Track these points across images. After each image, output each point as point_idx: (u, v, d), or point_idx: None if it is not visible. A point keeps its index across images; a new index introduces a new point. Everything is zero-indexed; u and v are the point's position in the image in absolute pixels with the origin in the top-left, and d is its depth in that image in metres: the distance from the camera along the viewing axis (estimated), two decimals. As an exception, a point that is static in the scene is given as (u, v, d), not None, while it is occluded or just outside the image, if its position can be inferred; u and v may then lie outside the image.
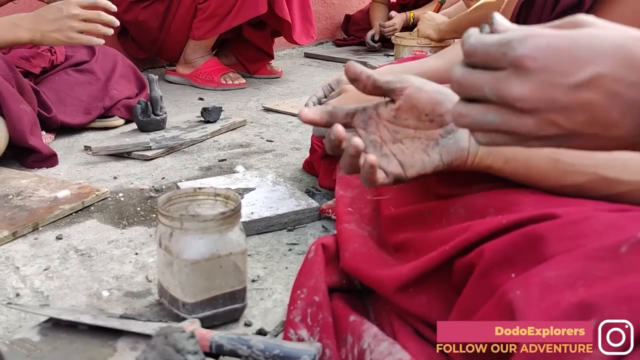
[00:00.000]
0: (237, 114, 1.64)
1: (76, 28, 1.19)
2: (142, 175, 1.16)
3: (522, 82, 0.38)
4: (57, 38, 1.21)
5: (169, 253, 0.64)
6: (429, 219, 0.65)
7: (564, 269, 0.43)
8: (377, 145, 0.60)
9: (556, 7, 0.77)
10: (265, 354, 0.57)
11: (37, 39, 1.22)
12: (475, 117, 0.42)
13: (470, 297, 0.50)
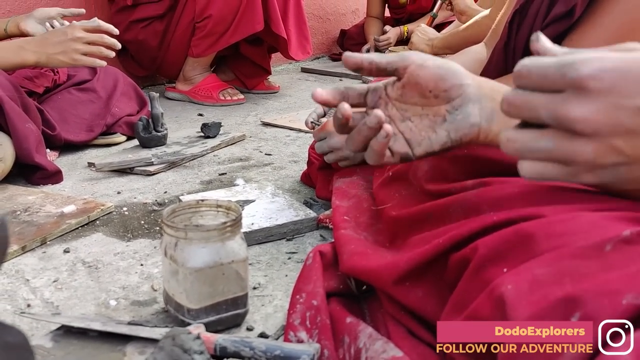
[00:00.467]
0: (236, 129, 1.68)
1: (80, 50, 1.25)
2: (145, 190, 1.20)
3: (584, 104, 0.37)
4: (62, 60, 1.26)
5: (174, 262, 0.67)
6: (430, 221, 0.68)
7: (552, 265, 0.46)
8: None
9: (548, 15, 0.80)
10: (267, 354, 0.60)
11: (42, 61, 1.28)
12: (527, 143, 0.40)
13: (464, 291, 0.53)
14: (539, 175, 0.42)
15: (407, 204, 0.73)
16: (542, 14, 0.81)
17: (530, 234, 0.50)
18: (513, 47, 0.85)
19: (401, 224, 0.72)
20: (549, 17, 0.79)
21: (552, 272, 0.46)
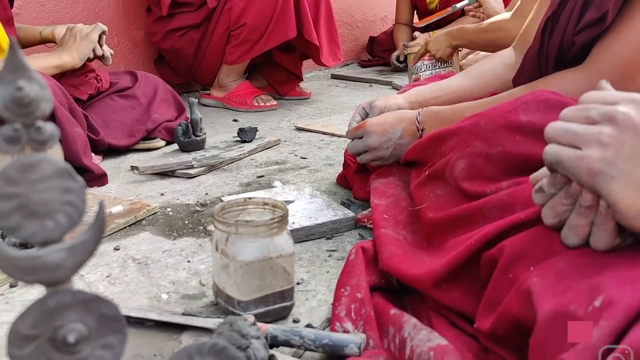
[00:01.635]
0: (271, 134, 1.72)
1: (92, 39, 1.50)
2: (186, 192, 1.24)
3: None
4: (86, 47, 1.49)
5: (225, 256, 0.71)
6: (465, 223, 0.70)
7: (574, 261, 0.49)
8: None
9: (580, 21, 0.82)
10: (316, 343, 0.63)
11: (74, 57, 1.47)
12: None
13: (494, 289, 0.55)
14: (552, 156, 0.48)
15: (443, 204, 0.75)
16: (574, 20, 0.82)
17: (551, 233, 0.52)
18: (546, 53, 0.87)
19: (437, 226, 0.75)
20: (581, 22, 0.81)
21: (574, 265, 0.48)
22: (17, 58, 0.30)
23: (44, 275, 0.32)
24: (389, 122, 0.98)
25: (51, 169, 0.31)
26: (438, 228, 0.75)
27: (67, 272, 0.33)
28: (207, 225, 1.06)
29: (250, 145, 1.54)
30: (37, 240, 0.32)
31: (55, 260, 0.32)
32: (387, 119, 0.99)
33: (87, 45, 1.50)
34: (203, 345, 0.39)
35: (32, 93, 0.30)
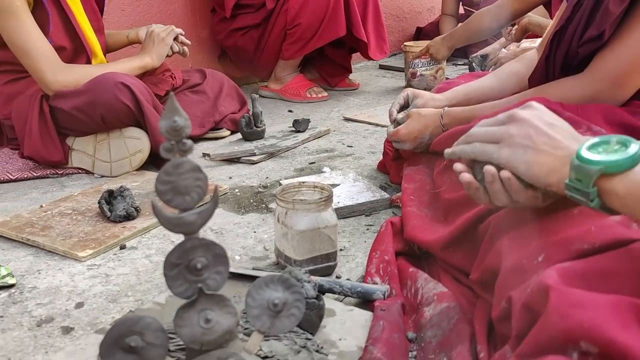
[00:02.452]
0: (322, 124, 1.93)
1: (168, 43, 1.71)
2: (250, 176, 1.48)
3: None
4: (163, 49, 1.71)
5: (285, 226, 0.93)
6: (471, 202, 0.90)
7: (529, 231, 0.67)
8: None
9: (583, 36, 0.99)
10: (352, 290, 0.85)
11: (154, 58, 1.68)
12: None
13: (483, 250, 0.75)
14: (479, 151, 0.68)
15: (456, 188, 0.95)
16: (577, 35, 0.99)
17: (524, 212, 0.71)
18: (553, 60, 1.04)
19: (451, 204, 0.95)
20: (584, 37, 0.97)
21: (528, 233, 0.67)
22: (173, 103, 0.52)
23: (184, 228, 0.55)
24: (417, 130, 1.17)
25: (189, 167, 0.54)
26: (452, 206, 0.95)
27: (197, 227, 0.55)
28: (268, 204, 1.29)
29: (303, 135, 1.76)
30: (181, 208, 0.55)
31: (190, 219, 0.55)
32: (414, 128, 1.18)
33: (163, 47, 1.72)
34: (273, 277, 0.61)
35: (181, 123, 0.52)
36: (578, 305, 0.48)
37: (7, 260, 1.06)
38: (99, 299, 0.92)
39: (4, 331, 0.84)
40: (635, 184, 0.54)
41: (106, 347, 0.55)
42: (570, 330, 0.47)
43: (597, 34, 0.95)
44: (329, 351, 0.73)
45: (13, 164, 1.55)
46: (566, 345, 0.47)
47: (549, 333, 0.49)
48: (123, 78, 1.44)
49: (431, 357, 0.71)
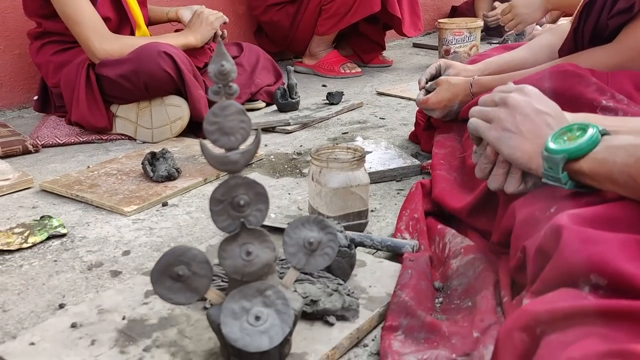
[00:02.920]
0: (355, 98, 1.96)
1: (213, 25, 1.75)
2: (285, 144, 1.53)
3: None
4: (209, 32, 1.75)
5: (319, 184, 0.98)
6: None
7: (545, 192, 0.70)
8: None
9: (612, 9, 1.00)
10: (382, 244, 0.89)
11: (198, 38, 1.73)
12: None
13: (500, 216, 0.78)
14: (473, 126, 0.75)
15: None
16: (607, 7, 1.00)
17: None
18: (582, 32, 1.05)
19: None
20: (613, 10, 0.98)
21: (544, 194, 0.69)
22: (221, 49, 0.57)
23: (229, 167, 0.60)
24: (446, 99, 1.20)
25: (235, 109, 0.58)
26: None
27: (240, 166, 0.60)
28: (302, 169, 1.34)
29: (336, 107, 1.80)
30: (226, 147, 0.59)
31: (235, 158, 0.59)
32: (444, 96, 1.21)
33: (209, 31, 1.75)
34: (309, 217, 0.65)
35: (228, 68, 0.57)
36: (589, 242, 0.51)
37: (58, 214, 1.13)
38: (143, 248, 0.98)
39: (57, 273, 0.91)
40: (597, 162, 0.62)
41: (156, 274, 0.61)
42: (581, 264, 0.50)
43: (627, 6, 0.96)
44: (359, 296, 0.78)
45: (61, 129, 1.63)
46: (577, 279, 0.50)
47: (561, 269, 0.52)
48: (166, 48, 1.50)
49: (456, 302, 0.75)
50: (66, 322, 0.73)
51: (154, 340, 0.70)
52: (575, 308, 0.46)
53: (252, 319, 0.60)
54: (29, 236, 1.01)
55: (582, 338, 0.44)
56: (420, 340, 0.67)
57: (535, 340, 0.47)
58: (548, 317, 0.47)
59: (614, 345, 0.40)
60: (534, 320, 0.48)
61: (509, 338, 0.49)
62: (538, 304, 0.48)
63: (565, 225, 0.54)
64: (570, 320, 0.46)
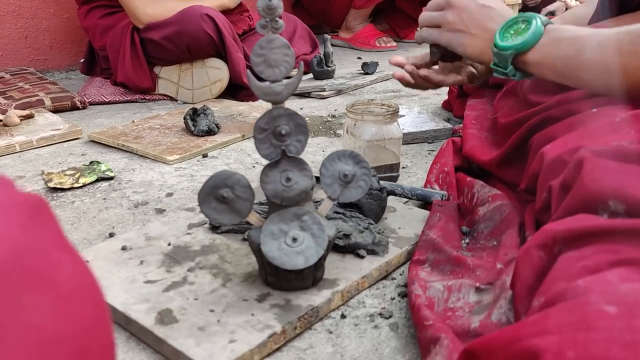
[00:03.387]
0: (390, 69, 1.99)
1: None
2: (320, 108, 1.57)
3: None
4: None
5: (353, 136, 1.02)
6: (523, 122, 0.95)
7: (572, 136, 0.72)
8: None
9: None
10: (412, 192, 0.93)
11: (231, 0, 1.76)
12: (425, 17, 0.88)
13: (529, 162, 0.81)
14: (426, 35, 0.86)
15: (512, 113, 1.00)
16: None
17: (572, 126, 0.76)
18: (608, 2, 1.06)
19: (506, 127, 1.00)
20: None
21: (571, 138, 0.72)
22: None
23: (272, 97, 0.64)
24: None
25: (280, 43, 0.63)
26: (507, 129, 1.01)
27: (283, 97, 0.65)
28: (336, 130, 1.38)
29: (371, 77, 1.83)
30: (270, 79, 0.64)
31: (278, 90, 0.64)
32: None
33: None
34: (345, 151, 0.70)
35: (275, 3, 0.61)
36: (609, 171, 0.54)
37: (105, 161, 1.20)
38: (185, 191, 1.04)
39: (107, 209, 0.98)
40: (540, 54, 0.69)
41: (203, 195, 0.66)
42: (600, 191, 0.53)
43: None
44: (389, 235, 0.82)
45: (106, 89, 1.70)
46: (597, 205, 0.53)
47: (581, 196, 0.55)
48: (208, 11, 1.55)
49: (482, 242, 0.78)
50: (117, 246, 0.80)
51: (197, 263, 0.75)
52: (591, 227, 0.50)
53: (290, 240, 0.65)
54: (80, 177, 1.08)
55: (596, 253, 0.47)
56: (446, 271, 0.71)
57: (553, 257, 0.51)
58: (565, 235, 0.50)
59: (619, 256, 0.43)
60: (552, 238, 0.51)
61: (528, 255, 0.53)
62: (556, 224, 0.52)
63: (587, 157, 0.57)
64: (585, 239, 0.49)
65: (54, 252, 0.25)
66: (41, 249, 0.24)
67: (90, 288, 0.27)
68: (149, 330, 0.62)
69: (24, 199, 0.26)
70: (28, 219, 0.25)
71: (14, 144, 1.25)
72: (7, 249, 0.23)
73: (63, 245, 0.27)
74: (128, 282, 0.71)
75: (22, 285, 0.22)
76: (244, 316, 0.64)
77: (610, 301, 0.35)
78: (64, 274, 0.25)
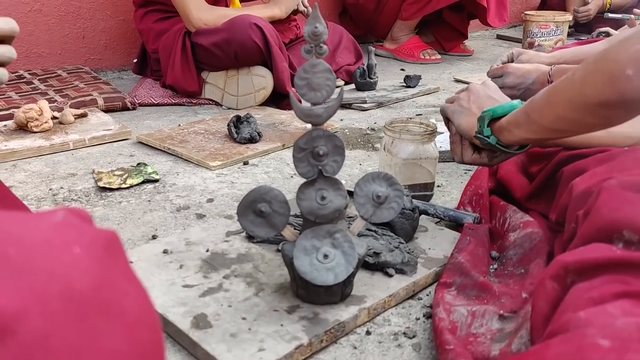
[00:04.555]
0: (432, 83, 2.00)
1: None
2: (359, 120, 1.59)
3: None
4: (293, 2, 1.84)
5: (390, 153, 1.04)
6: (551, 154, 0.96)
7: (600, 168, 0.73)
8: None
9: None
10: (444, 213, 0.95)
11: (282, 10, 1.82)
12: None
13: (559, 194, 0.82)
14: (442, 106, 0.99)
15: None
16: None
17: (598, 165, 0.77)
18: None
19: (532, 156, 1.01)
20: None
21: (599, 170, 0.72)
22: (316, 12, 0.64)
23: (312, 119, 0.68)
24: (526, 69, 1.24)
25: (323, 68, 0.66)
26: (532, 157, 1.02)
27: (323, 119, 0.68)
28: (374, 143, 1.40)
29: (413, 90, 1.85)
30: (312, 101, 0.67)
31: (319, 112, 0.67)
32: (525, 67, 1.24)
33: (293, 2, 1.85)
34: (379, 173, 0.72)
35: (321, 30, 0.64)
36: (625, 201, 0.55)
37: (151, 163, 1.25)
38: (225, 198, 1.09)
39: (151, 211, 1.03)
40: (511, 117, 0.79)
41: (242, 208, 0.70)
42: (615, 221, 0.54)
43: None
44: (418, 255, 0.84)
45: (155, 91, 1.77)
46: (612, 235, 0.54)
47: (597, 225, 0.56)
48: (257, 20, 1.60)
49: (510, 269, 0.79)
50: (159, 249, 0.84)
51: (232, 270, 0.79)
52: (603, 259, 0.51)
53: (321, 256, 0.68)
54: (127, 178, 1.13)
55: (605, 283, 0.49)
56: (472, 296, 0.73)
57: (565, 288, 0.52)
58: (577, 267, 0.52)
59: (626, 288, 0.45)
60: (563, 269, 0.53)
61: (542, 286, 0.54)
62: (569, 255, 0.53)
63: (606, 187, 0.58)
64: (595, 270, 0.51)
65: (123, 283, 0.29)
66: (113, 281, 0.28)
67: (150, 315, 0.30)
68: (185, 333, 0.66)
69: (101, 234, 0.30)
70: (104, 253, 0.29)
71: (68, 142, 1.32)
72: (90, 282, 0.26)
73: (130, 276, 0.31)
74: (167, 285, 0.75)
75: (98, 314, 0.26)
76: (274, 326, 0.67)
77: (606, 335, 0.37)
78: (131, 303, 0.29)
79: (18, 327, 0.23)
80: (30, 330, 0.24)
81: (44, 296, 0.25)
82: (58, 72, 1.85)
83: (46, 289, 0.25)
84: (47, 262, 0.26)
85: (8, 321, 0.23)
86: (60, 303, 0.25)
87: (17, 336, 0.23)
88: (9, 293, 0.24)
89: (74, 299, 0.25)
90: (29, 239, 0.27)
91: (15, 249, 0.26)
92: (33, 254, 0.26)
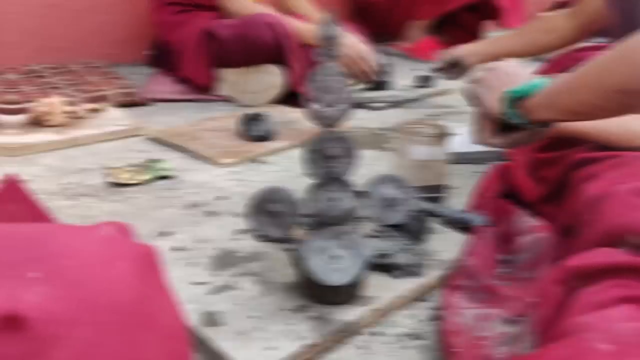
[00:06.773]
0: (445, 84, 1.99)
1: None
2: (371, 120, 1.60)
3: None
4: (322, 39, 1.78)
5: (400, 155, 1.04)
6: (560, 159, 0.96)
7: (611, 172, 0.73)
8: None
9: None
10: (454, 215, 0.95)
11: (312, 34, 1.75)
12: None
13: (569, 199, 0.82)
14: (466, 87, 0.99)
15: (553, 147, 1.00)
16: None
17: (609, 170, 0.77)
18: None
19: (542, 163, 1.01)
20: None
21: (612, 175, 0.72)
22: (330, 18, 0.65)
23: (324, 121, 0.68)
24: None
25: (335, 71, 0.67)
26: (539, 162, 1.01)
27: (334, 121, 0.68)
28: (385, 144, 1.41)
29: (426, 91, 1.85)
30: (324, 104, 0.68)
31: (330, 114, 0.68)
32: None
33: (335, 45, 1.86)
34: (389, 175, 0.73)
35: (334, 34, 0.65)
36: (629, 207, 0.55)
37: (163, 159, 1.26)
38: (236, 195, 1.09)
39: (162, 207, 1.04)
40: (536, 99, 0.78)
41: (251, 208, 0.70)
42: (619, 226, 0.54)
43: None
44: (426, 257, 0.84)
45: (169, 86, 1.78)
46: (616, 239, 0.55)
47: (601, 230, 0.56)
48: (272, 19, 1.61)
49: (518, 273, 0.80)
50: (168, 245, 0.85)
51: (240, 268, 0.80)
52: (607, 264, 0.51)
53: (329, 257, 0.69)
54: (139, 174, 1.14)
55: (608, 288, 0.49)
56: (478, 300, 0.73)
57: (569, 292, 0.53)
58: (581, 271, 0.52)
59: (629, 292, 0.45)
60: (566, 274, 0.53)
61: (546, 290, 0.54)
62: (573, 261, 0.54)
63: (613, 192, 0.59)
64: (601, 275, 0.51)
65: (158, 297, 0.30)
66: (151, 295, 0.29)
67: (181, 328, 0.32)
68: (194, 330, 0.67)
69: (141, 250, 0.31)
70: (143, 268, 0.30)
71: (80, 137, 1.33)
72: (132, 296, 0.28)
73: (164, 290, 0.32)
74: (176, 282, 0.76)
75: (138, 326, 0.27)
76: (281, 325, 0.68)
77: (606, 339, 0.37)
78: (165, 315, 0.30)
79: (69, 333, 0.25)
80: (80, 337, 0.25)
81: (93, 307, 0.26)
82: (72, 67, 1.87)
83: (95, 300, 0.26)
84: (96, 275, 0.27)
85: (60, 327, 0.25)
86: (106, 314, 0.26)
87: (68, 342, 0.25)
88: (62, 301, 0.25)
89: (119, 310, 0.27)
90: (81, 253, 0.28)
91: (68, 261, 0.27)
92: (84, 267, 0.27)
